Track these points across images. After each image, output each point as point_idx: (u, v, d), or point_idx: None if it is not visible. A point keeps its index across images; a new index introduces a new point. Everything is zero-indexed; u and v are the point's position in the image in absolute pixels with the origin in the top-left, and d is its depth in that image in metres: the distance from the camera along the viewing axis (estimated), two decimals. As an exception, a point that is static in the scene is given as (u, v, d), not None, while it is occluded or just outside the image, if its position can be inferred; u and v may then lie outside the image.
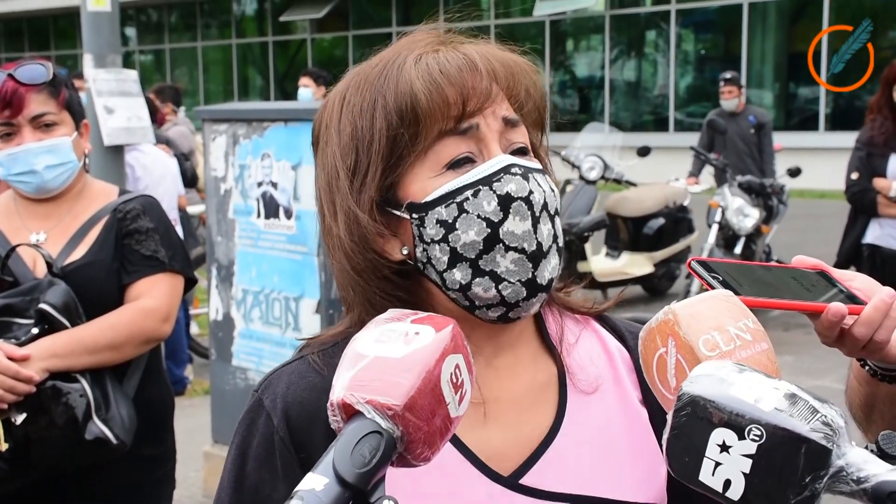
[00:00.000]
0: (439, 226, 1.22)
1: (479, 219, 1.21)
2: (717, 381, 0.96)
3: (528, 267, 1.22)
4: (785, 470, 0.92)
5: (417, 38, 1.31)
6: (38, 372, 2.61)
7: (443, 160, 1.23)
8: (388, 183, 1.24)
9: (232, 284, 5.17)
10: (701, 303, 1.13)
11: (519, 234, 1.21)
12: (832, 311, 1.21)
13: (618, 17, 22.78)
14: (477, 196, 1.21)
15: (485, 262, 1.22)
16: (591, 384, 1.35)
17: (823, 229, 12.76)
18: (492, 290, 1.23)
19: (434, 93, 1.21)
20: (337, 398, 0.98)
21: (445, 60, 1.24)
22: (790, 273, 1.29)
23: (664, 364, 1.12)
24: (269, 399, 1.29)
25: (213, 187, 5.20)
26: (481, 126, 1.24)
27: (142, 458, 2.84)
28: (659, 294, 10.23)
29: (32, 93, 2.70)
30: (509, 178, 1.22)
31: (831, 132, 19.42)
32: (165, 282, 2.84)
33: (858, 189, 5.76)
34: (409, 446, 0.98)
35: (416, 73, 1.23)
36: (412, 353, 0.99)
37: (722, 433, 0.94)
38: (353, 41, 26.64)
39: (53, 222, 2.82)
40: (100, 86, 5.90)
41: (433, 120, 1.22)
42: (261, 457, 1.27)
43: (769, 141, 10.04)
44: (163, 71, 30.94)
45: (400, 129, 1.22)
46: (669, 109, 21.93)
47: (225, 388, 5.31)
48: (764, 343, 1.10)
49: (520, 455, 1.29)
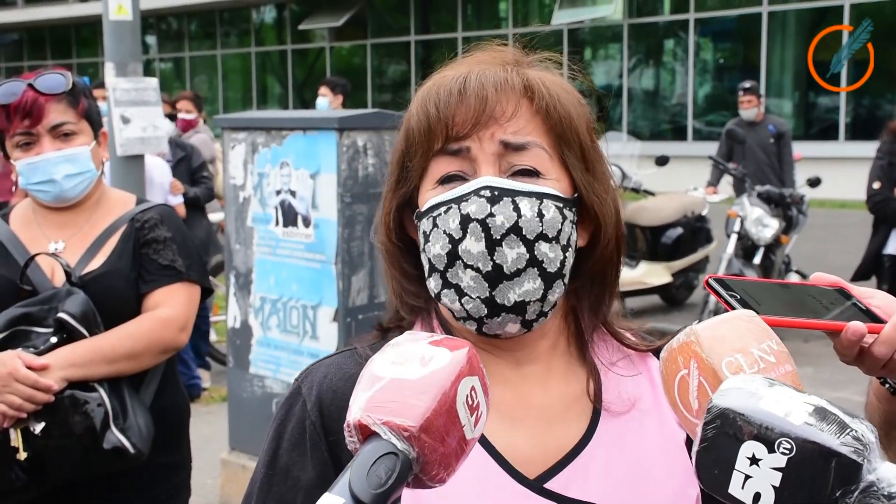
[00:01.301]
0: (423, 236, 1.32)
1: (444, 234, 1.28)
2: (747, 395, 0.96)
3: (485, 286, 1.26)
4: (815, 484, 0.91)
5: (472, 58, 1.37)
6: (57, 381, 2.61)
7: (435, 176, 1.31)
8: (409, 189, 1.35)
9: (250, 292, 5.18)
10: (723, 324, 1.12)
11: (474, 254, 1.26)
12: (851, 330, 1.20)
13: (636, 26, 22.79)
14: (447, 213, 1.28)
15: (450, 275, 1.28)
16: (627, 403, 1.36)
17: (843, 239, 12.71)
18: (457, 303, 1.29)
19: (422, 117, 1.31)
20: (353, 419, 0.99)
21: (444, 88, 1.31)
22: (808, 291, 1.28)
23: (686, 386, 1.11)
24: (306, 386, 1.36)
25: (232, 195, 5.21)
26: (473, 149, 1.29)
27: (158, 465, 2.84)
28: (677, 304, 10.21)
29: (52, 102, 2.71)
30: (475, 199, 1.26)
31: (851, 141, 19.36)
32: (183, 291, 2.84)
33: (881, 199, 5.73)
34: (424, 467, 0.99)
35: (417, 102, 1.34)
36: (428, 376, 1.00)
37: (752, 446, 0.94)
38: (371, 49, 26.75)
39: (72, 231, 2.83)
40: (118, 95, 5.94)
41: (422, 141, 1.31)
42: (293, 439, 1.34)
43: (789, 150, 10.00)
44: (182, 79, 31.13)
45: (405, 149, 1.34)
46: (688, 118, 21.91)
47: (242, 396, 5.31)
48: (788, 365, 1.09)
49: (546, 461, 1.31)
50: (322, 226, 4.77)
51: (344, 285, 4.73)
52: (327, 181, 4.72)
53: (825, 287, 1.29)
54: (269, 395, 5.14)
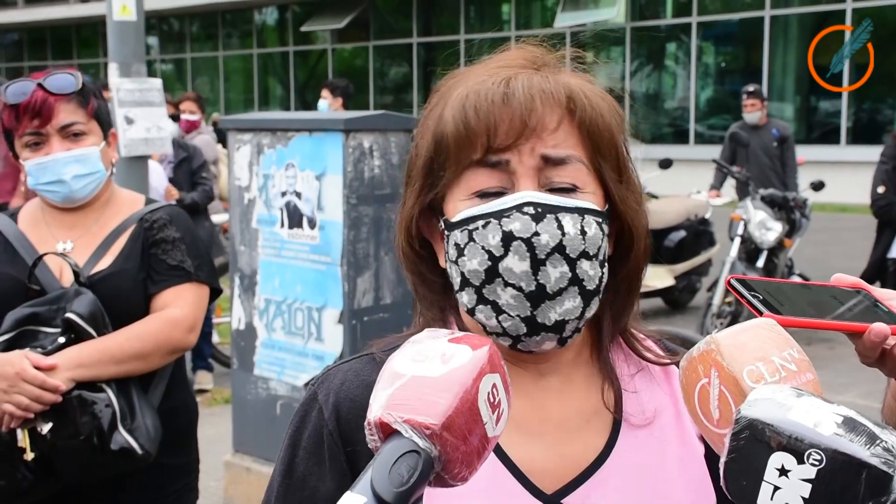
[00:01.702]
0: (455, 248, 1.27)
1: (483, 250, 1.23)
2: (776, 405, 0.95)
3: (527, 305, 1.23)
4: (845, 495, 0.90)
5: (506, 58, 1.33)
6: (65, 381, 2.60)
7: (471, 188, 1.26)
8: (434, 196, 1.30)
9: (255, 294, 5.17)
10: (744, 332, 1.10)
11: (517, 273, 1.22)
12: (875, 331, 1.18)
13: (638, 29, 22.80)
14: (486, 228, 1.23)
15: (487, 291, 1.24)
16: (645, 416, 1.34)
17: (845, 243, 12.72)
18: (493, 320, 1.25)
19: (461, 125, 1.25)
20: (374, 417, 0.98)
21: (487, 93, 1.25)
22: (829, 292, 1.27)
23: (706, 395, 1.10)
24: (322, 393, 1.33)
25: (237, 197, 5.20)
26: (512, 162, 1.24)
27: (166, 467, 2.83)
28: (679, 307, 10.21)
29: (62, 102, 2.70)
30: (518, 216, 1.22)
31: (853, 146, 19.37)
32: (191, 292, 2.83)
33: (885, 203, 5.72)
34: (446, 466, 0.98)
35: (455, 104, 1.27)
36: (450, 373, 0.99)
37: (781, 457, 0.93)
38: (373, 51, 26.75)
39: (80, 231, 2.82)
40: (122, 96, 5.93)
41: (460, 151, 1.26)
42: (310, 448, 1.31)
43: (792, 154, 10.00)
44: (184, 80, 31.13)
45: (435, 155, 1.28)
46: (690, 122, 21.91)
47: (246, 398, 5.30)
48: (809, 373, 1.08)
49: (564, 475, 1.28)
50: (327, 227, 4.76)
51: (349, 287, 4.72)
52: (333, 183, 4.71)
53: (846, 288, 1.28)
54: (274, 397, 5.13)
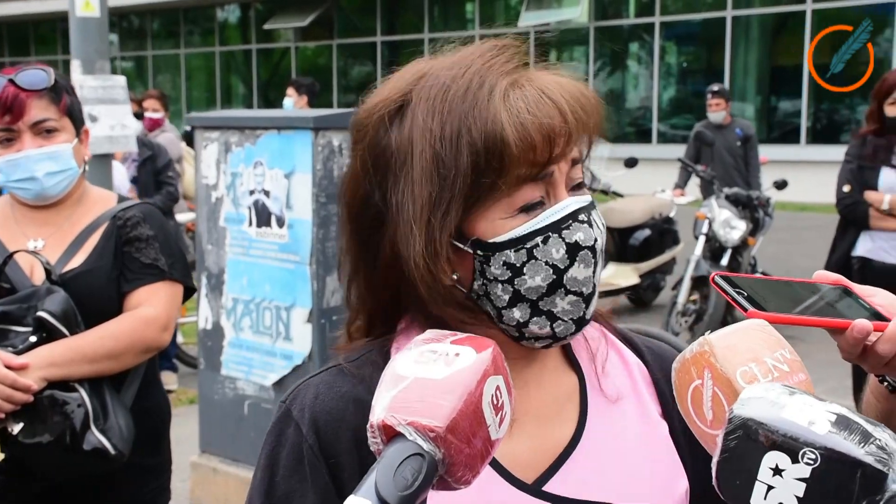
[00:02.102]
0: (506, 268, 1.23)
1: (547, 265, 1.23)
2: (769, 404, 0.95)
3: (582, 307, 1.26)
4: (840, 494, 0.91)
5: (485, 53, 1.28)
6: (37, 381, 2.57)
7: (516, 204, 1.22)
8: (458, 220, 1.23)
9: (222, 293, 5.14)
10: (736, 333, 1.12)
11: (581, 280, 1.24)
12: (857, 328, 1.20)
13: (601, 29, 22.88)
14: (546, 243, 1.22)
15: (544, 303, 1.24)
16: (612, 394, 1.36)
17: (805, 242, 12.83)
18: (546, 328, 1.26)
19: (525, 141, 1.19)
20: (377, 419, 0.97)
21: (535, 103, 1.21)
22: (812, 289, 1.28)
23: (700, 396, 1.11)
24: (297, 409, 1.29)
25: (205, 195, 5.16)
26: (555, 171, 1.24)
27: (139, 468, 2.80)
28: (644, 305, 10.26)
29: (33, 98, 2.67)
30: (577, 225, 1.23)
31: (812, 145, 19.56)
32: (165, 290, 2.80)
33: (851, 201, 5.76)
34: (450, 469, 0.97)
35: (507, 116, 1.19)
36: (453, 375, 0.98)
37: (775, 456, 0.93)
38: (337, 50, 26.65)
39: (52, 229, 2.79)
40: (86, 93, 5.87)
41: (518, 167, 1.20)
42: (290, 466, 1.27)
43: (755, 153, 10.08)
44: (145, 78, 30.84)
45: (485, 175, 1.19)
46: (652, 121, 22.03)
47: (213, 398, 5.26)
48: (801, 374, 1.09)
49: (542, 463, 1.30)
50: (296, 226, 4.73)
51: (318, 286, 4.70)
52: (302, 181, 4.69)
53: (828, 285, 1.29)
54: (241, 396, 5.09)
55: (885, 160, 5.68)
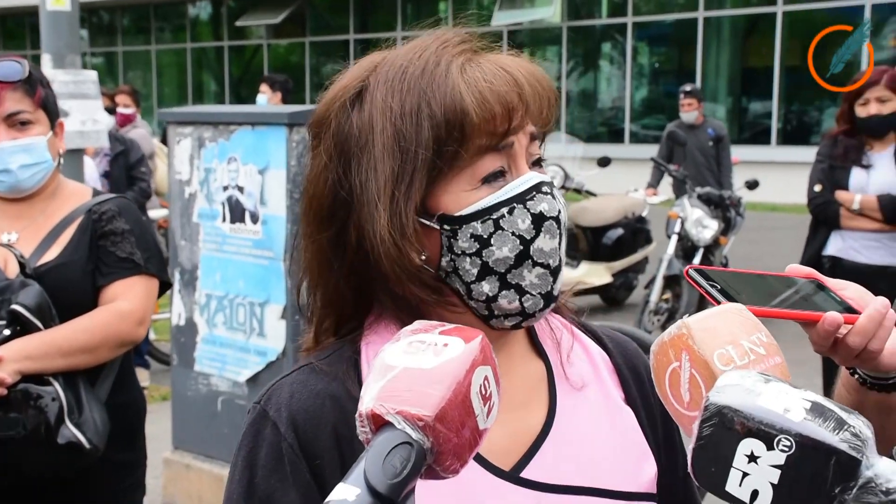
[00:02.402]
0: (473, 240, 1.24)
1: (514, 236, 1.24)
2: (745, 391, 0.96)
3: (550, 280, 1.27)
4: (814, 481, 0.92)
5: (444, 38, 1.30)
6: (11, 374, 2.56)
7: (479, 174, 1.24)
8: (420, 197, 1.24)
9: (195, 289, 5.12)
10: (714, 317, 1.12)
11: (547, 251, 1.25)
12: (828, 320, 1.22)
13: (574, 29, 22.94)
14: (512, 214, 1.24)
15: (512, 275, 1.25)
16: (578, 381, 1.38)
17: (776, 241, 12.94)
18: (515, 302, 1.26)
19: (484, 109, 1.21)
20: (366, 409, 0.97)
21: (492, 75, 1.24)
22: (785, 282, 1.30)
23: (677, 378, 1.12)
24: (273, 409, 1.28)
25: (178, 191, 5.14)
26: (515, 143, 1.26)
27: (114, 463, 2.80)
28: (616, 304, 10.31)
29: (7, 90, 2.65)
30: (541, 196, 1.25)
31: (783, 146, 19.69)
32: (141, 284, 2.80)
33: (822, 201, 5.80)
34: (438, 458, 0.98)
35: (465, 87, 1.22)
36: (442, 365, 0.99)
37: (750, 443, 0.94)
38: (309, 48, 26.57)
39: (26, 222, 2.78)
40: (57, 88, 5.81)
41: (479, 136, 1.22)
42: (269, 465, 1.26)
43: (727, 154, 10.15)
44: (115, 74, 30.63)
45: (447, 144, 1.21)
46: (625, 121, 22.10)
47: (187, 394, 5.24)
48: (777, 357, 1.10)
49: (517, 450, 1.31)
50: (270, 222, 4.73)
51: (292, 282, 4.69)
52: (276, 177, 4.68)
53: (801, 279, 1.31)
54: (215, 393, 5.08)
55: (855, 160, 5.72)
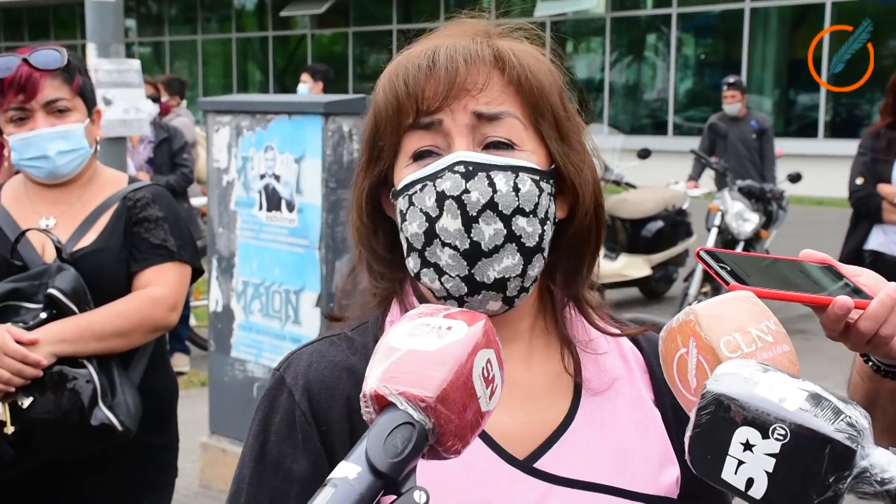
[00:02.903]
0: (399, 215, 1.29)
1: (421, 213, 1.25)
2: (742, 380, 0.97)
3: (464, 264, 1.24)
4: (809, 469, 0.92)
5: (447, 31, 1.35)
6: (46, 356, 2.62)
7: (408, 151, 1.29)
8: (380, 170, 1.33)
9: (232, 276, 5.18)
10: (722, 304, 1.13)
11: (451, 232, 1.24)
12: (839, 304, 1.22)
13: (618, 20, 22.80)
14: (423, 191, 1.25)
15: (428, 253, 1.26)
16: (605, 380, 1.37)
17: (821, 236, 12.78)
18: (437, 282, 1.27)
19: (391, 96, 1.28)
20: (370, 389, 0.99)
21: (413, 62, 1.29)
22: (798, 266, 1.30)
23: (685, 364, 1.12)
24: (290, 377, 1.32)
25: (216, 179, 5.20)
26: (445, 121, 1.26)
27: (146, 445, 2.84)
28: (656, 297, 10.25)
29: (47, 78, 2.71)
30: (449, 175, 1.24)
31: (830, 139, 19.45)
32: (174, 271, 2.84)
33: (864, 194, 5.73)
34: (440, 438, 1.00)
35: (385, 79, 1.31)
36: (445, 347, 1.01)
37: (746, 432, 0.95)
38: (353, 38, 26.63)
39: (63, 208, 2.83)
40: (100, 76, 5.89)
41: (392, 117, 1.29)
42: (282, 431, 1.30)
43: (770, 146, 10.04)
44: (162, 64, 30.88)
45: (374, 128, 1.32)
46: (668, 113, 21.94)
47: (223, 380, 5.31)
48: (785, 345, 1.10)
49: (533, 441, 1.31)
50: (306, 210, 4.77)
51: (327, 270, 4.73)
52: (312, 166, 4.72)
53: (814, 263, 1.31)
54: (251, 379, 5.14)
55: (898, 153, 5.66)
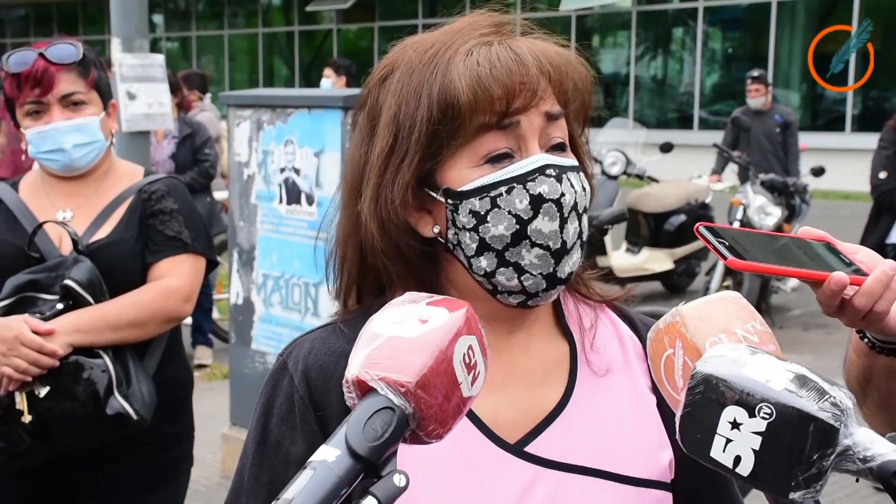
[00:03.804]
0: (471, 216, 1.27)
1: (510, 215, 1.26)
2: (730, 362, 0.99)
3: (551, 263, 1.28)
4: (793, 447, 0.94)
5: (474, 22, 1.34)
6: (63, 346, 2.65)
7: (481, 153, 1.27)
8: (427, 167, 1.29)
9: (253, 269, 5.22)
10: (709, 304, 1.15)
11: (546, 233, 1.27)
12: (834, 280, 1.23)
13: (645, 14, 22.73)
14: (510, 193, 1.26)
15: (510, 254, 1.27)
16: (601, 367, 1.40)
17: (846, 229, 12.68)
18: (514, 280, 1.29)
19: (479, 91, 1.24)
20: (352, 375, 1.01)
21: (496, 58, 1.26)
22: (796, 242, 1.31)
23: (671, 365, 1.15)
24: (292, 361, 1.36)
25: (237, 172, 5.24)
26: (522, 123, 1.27)
27: (161, 435, 2.87)
28: (678, 291, 10.22)
29: (62, 72, 2.74)
30: (543, 179, 1.26)
31: (858, 133, 19.32)
32: (188, 263, 2.87)
33: (887, 188, 5.71)
34: (421, 423, 1.01)
35: (464, 71, 1.26)
36: (426, 334, 1.03)
37: (733, 411, 0.97)
38: (378, 33, 26.67)
39: (80, 200, 2.86)
40: (124, 71, 5.94)
41: (474, 117, 1.25)
42: (283, 414, 1.34)
43: (795, 140, 10.00)
44: (189, 58, 31.06)
45: (440, 125, 1.26)
46: (694, 107, 21.86)
47: (244, 372, 5.35)
48: (771, 345, 1.12)
49: (526, 425, 1.34)
50: (325, 204, 4.78)
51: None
52: (331, 159, 4.75)
53: (813, 240, 1.32)
54: (271, 370, 5.17)
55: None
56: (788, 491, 0.96)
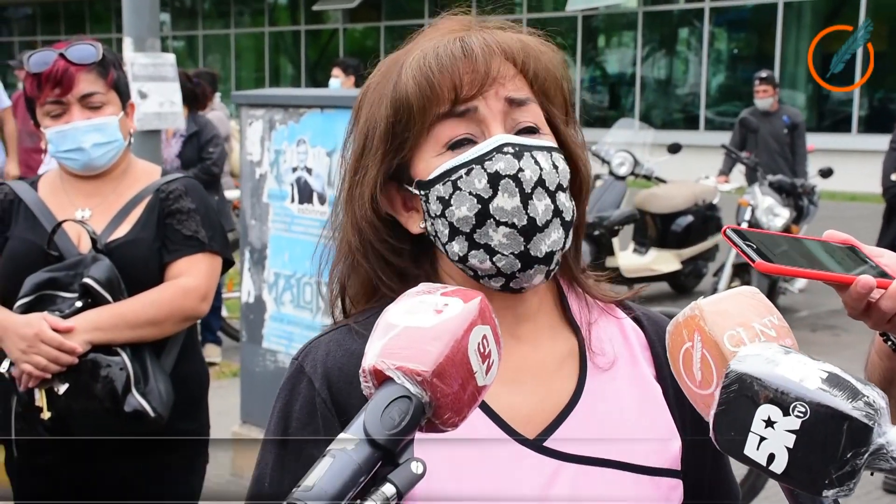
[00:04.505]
0: (438, 202, 1.32)
1: (471, 195, 1.29)
2: (764, 361, 1.00)
3: (520, 241, 1.30)
4: (827, 446, 0.95)
5: (442, 26, 1.40)
6: (81, 344, 2.67)
7: (442, 141, 1.32)
8: (397, 162, 1.35)
9: (264, 268, 5.23)
10: (727, 299, 1.17)
11: (508, 210, 1.29)
12: (861, 283, 1.24)
13: (651, 14, 22.70)
14: (469, 174, 1.29)
15: (479, 235, 1.30)
16: (608, 360, 1.42)
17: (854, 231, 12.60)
18: (487, 262, 1.31)
19: (424, 83, 1.30)
20: (368, 365, 1.03)
21: (444, 52, 1.32)
22: (821, 246, 1.32)
23: (690, 358, 1.16)
24: (309, 365, 1.36)
25: (249, 171, 5.25)
26: (480, 108, 1.31)
27: (177, 432, 2.89)
28: (686, 291, 10.22)
29: (82, 72, 2.77)
30: (500, 156, 1.29)
31: (864, 134, 19.29)
32: (205, 262, 2.89)
33: None
34: (437, 412, 1.03)
35: (413, 68, 1.32)
36: (441, 324, 1.05)
37: (767, 409, 0.98)
38: (385, 32, 26.68)
39: (98, 200, 2.88)
40: (136, 70, 5.95)
41: (424, 108, 1.31)
42: (303, 418, 1.34)
43: (802, 142, 10.00)
44: (195, 57, 31.08)
45: (395, 118, 1.32)
46: (700, 108, 21.84)
47: (255, 370, 5.36)
48: (788, 339, 1.14)
49: (543, 420, 1.35)
50: (337, 203, 4.79)
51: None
52: (344, 159, 4.75)
53: (838, 244, 1.33)
54: (282, 369, 5.18)
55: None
56: (822, 489, 0.97)
